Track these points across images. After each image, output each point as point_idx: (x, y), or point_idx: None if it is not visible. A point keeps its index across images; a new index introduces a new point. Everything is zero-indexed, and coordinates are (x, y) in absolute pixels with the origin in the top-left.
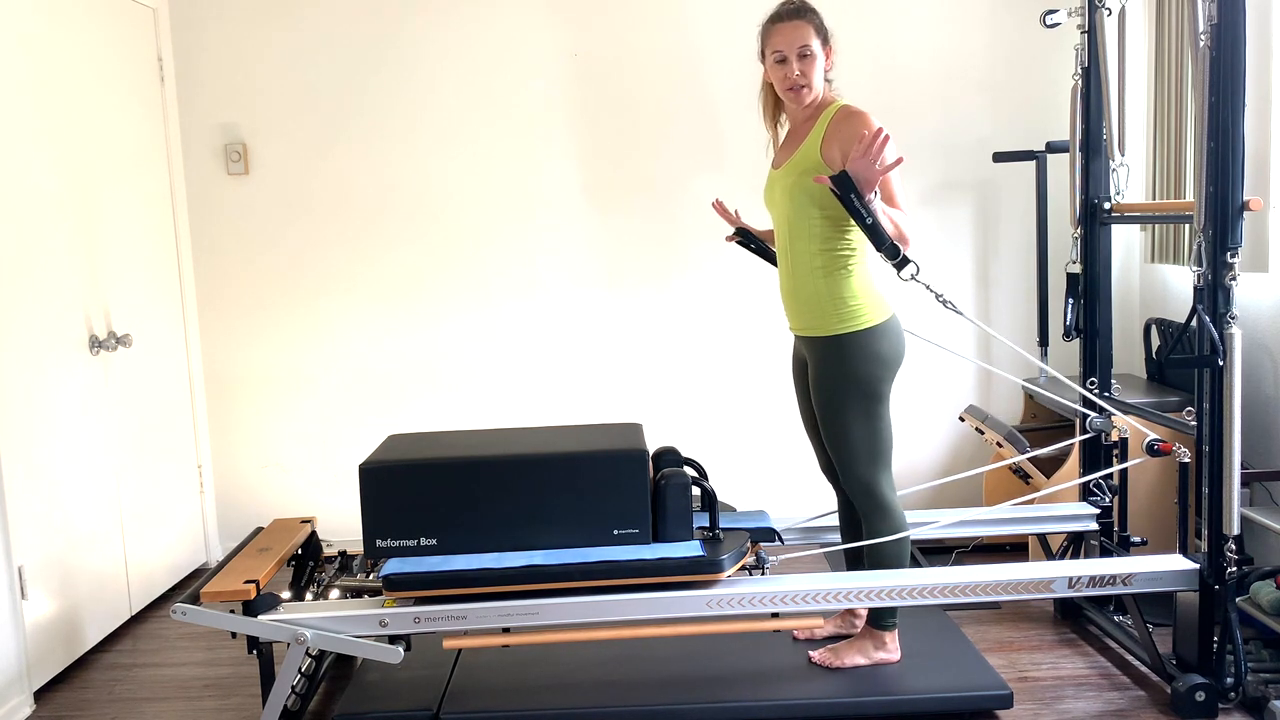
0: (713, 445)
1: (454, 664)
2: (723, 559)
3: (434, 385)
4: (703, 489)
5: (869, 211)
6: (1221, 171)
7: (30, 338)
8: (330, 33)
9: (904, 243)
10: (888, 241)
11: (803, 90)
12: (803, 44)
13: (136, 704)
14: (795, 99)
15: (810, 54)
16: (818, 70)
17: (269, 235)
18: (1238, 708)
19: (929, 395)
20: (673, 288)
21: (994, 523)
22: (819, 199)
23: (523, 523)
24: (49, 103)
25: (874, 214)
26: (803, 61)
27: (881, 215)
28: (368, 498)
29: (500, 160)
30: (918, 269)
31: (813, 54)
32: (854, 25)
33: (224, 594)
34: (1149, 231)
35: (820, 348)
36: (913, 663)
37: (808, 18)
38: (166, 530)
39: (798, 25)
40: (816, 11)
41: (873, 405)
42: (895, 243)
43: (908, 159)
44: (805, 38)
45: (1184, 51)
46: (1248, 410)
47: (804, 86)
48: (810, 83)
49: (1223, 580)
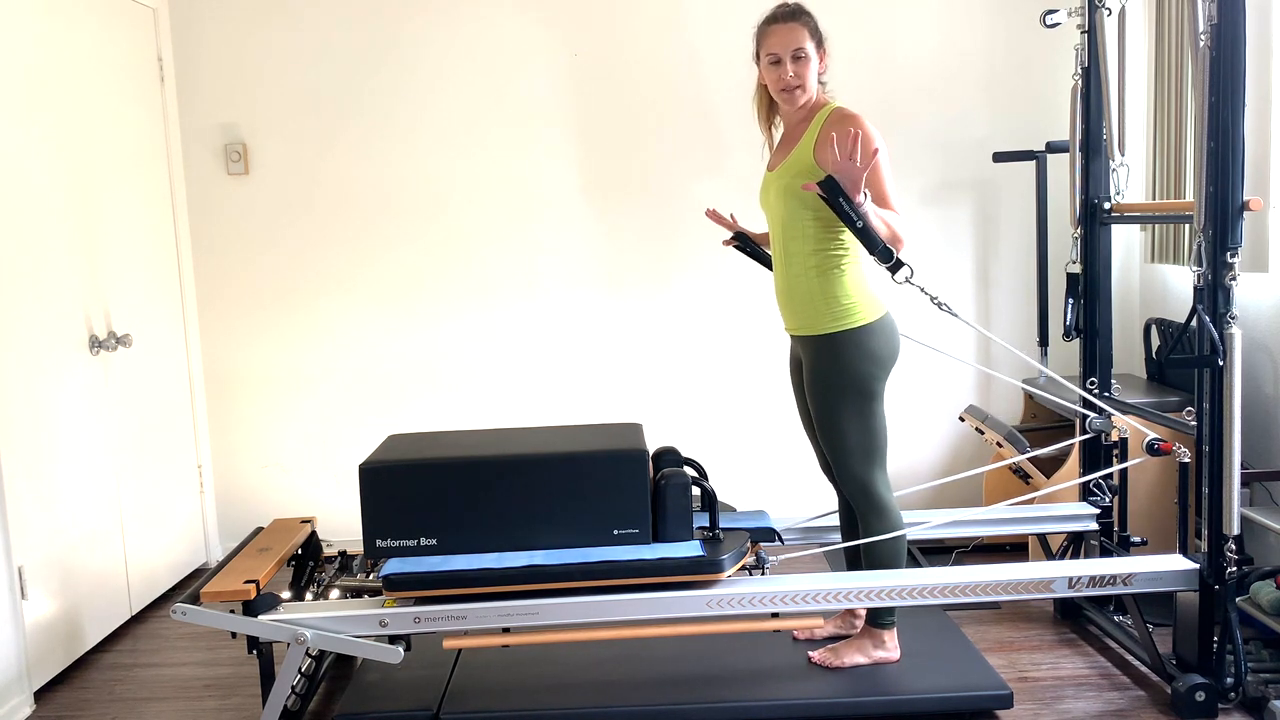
0: (712, 445)
1: (454, 664)
2: (723, 559)
3: (434, 385)
4: (703, 489)
5: (859, 215)
6: (1221, 171)
7: (30, 338)
8: (331, 33)
9: (898, 244)
10: (880, 245)
11: (796, 92)
12: (797, 46)
13: (136, 704)
14: (789, 100)
15: (804, 56)
16: (812, 72)
17: (269, 235)
18: (1238, 708)
19: (929, 395)
20: (673, 287)
21: (994, 523)
22: (811, 201)
23: (523, 523)
24: (49, 103)
25: (864, 217)
26: (797, 64)
27: (873, 217)
28: (368, 498)
29: (501, 160)
30: (912, 272)
31: (807, 56)
32: (854, 25)
33: (224, 594)
34: (1149, 231)
35: (814, 346)
36: (913, 663)
37: (802, 20)
38: (166, 530)
39: (793, 28)
40: (811, 14)
41: (866, 403)
42: (889, 245)
43: (908, 159)
44: (800, 40)
45: (1184, 51)
46: (1248, 410)
47: (798, 88)
48: (804, 84)
49: (1223, 580)
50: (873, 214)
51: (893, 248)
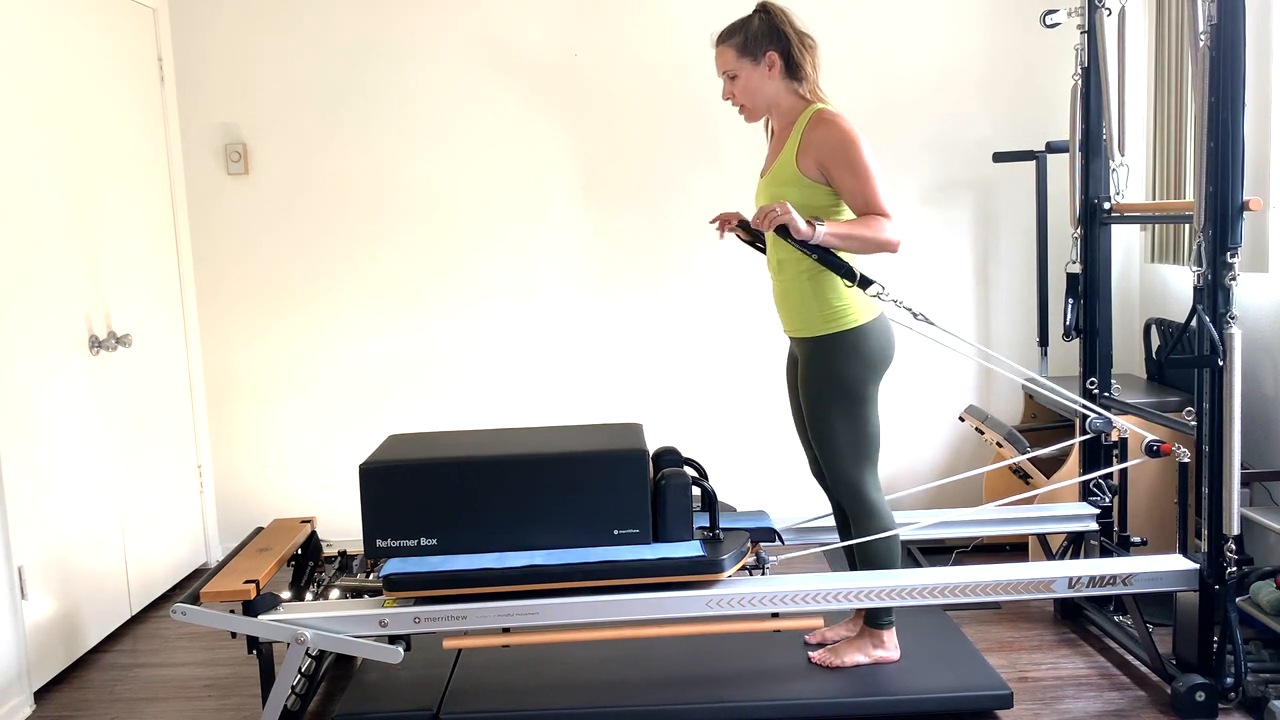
0: (712, 445)
1: (454, 664)
2: (723, 559)
3: (434, 385)
4: (703, 489)
5: (811, 248)
6: (1221, 171)
7: (30, 338)
8: (330, 33)
9: (889, 248)
10: (844, 267)
11: (743, 109)
12: (724, 69)
13: (136, 704)
14: (744, 116)
15: (736, 76)
16: (751, 89)
17: (269, 235)
18: (1238, 708)
19: (929, 395)
20: (671, 286)
21: (994, 523)
22: (799, 208)
23: (523, 523)
24: (49, 103)
25: (817, 248)
26: (733, 83)
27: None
28: (368, 498)
29: (501, 160)
30: (883, 288)
31: (739, 75)
32: (854, 25)
33: (224, 594)
34: (1149, 231)
35: (808, 348)
36: (913, 663)
37: (727, 42)
38: (166, 530)
39: (720, 51)
40: (738, 31)
41: (857, 406)
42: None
43: (908, 159)
44: (726, 63)
45: (1184, 51)
46: (1248, 410)
47: (740, 106)
48: (745, 102)
49: (1223, 580)
50: (839, 233)
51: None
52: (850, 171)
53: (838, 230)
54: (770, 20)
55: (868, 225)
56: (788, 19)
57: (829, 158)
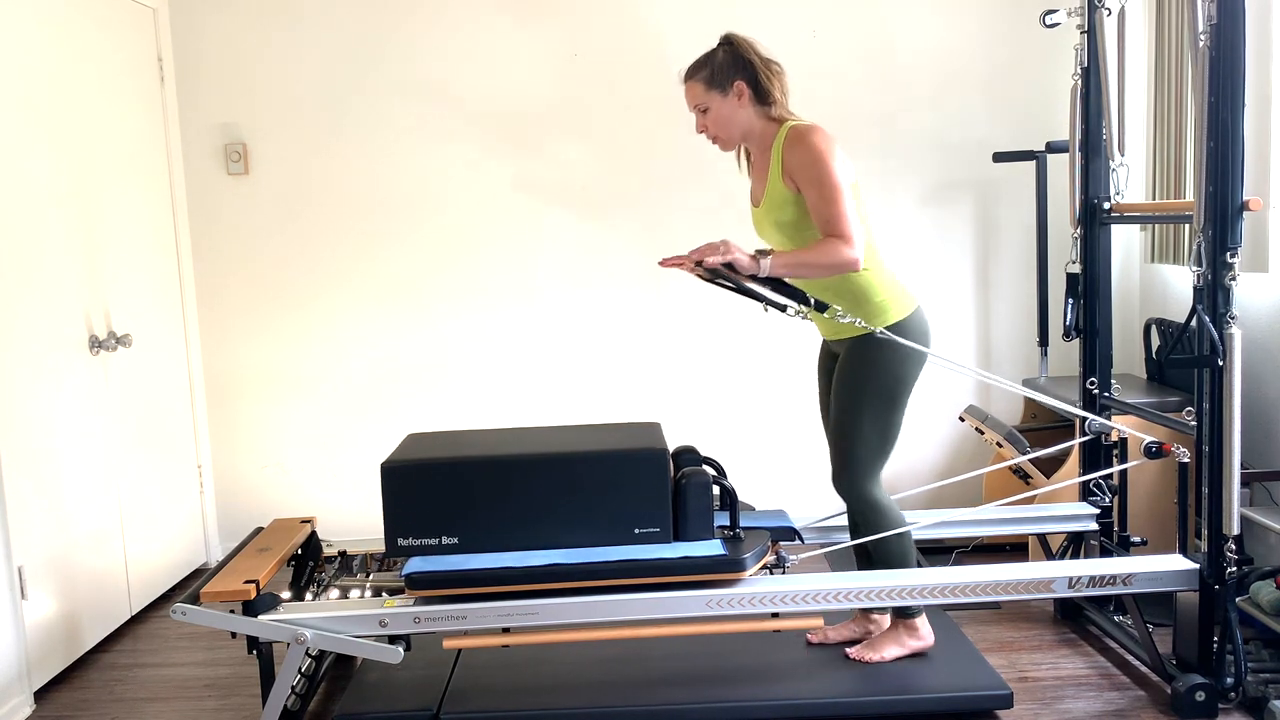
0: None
1: (454, 664)
2: (745, 558)
3: (436, 385)
4: (723, 488)
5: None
6: (1221, 171)
7: (30, 338)
8: (330, 32)
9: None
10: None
11: (717, 141)
12: (695, 104)
13: (136, 704)
14: (719, 147)
15: (707, 108)
16: (723, 120)
17: (269, 235)
18: (1238, 708)
19: (929, 395)
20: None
21: (994, 523)
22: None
23: (544, 521)
24: (49, 103)
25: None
26: (705, 116)
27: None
28: (390, 496)
29: (502, 160)
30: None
31: (710, 108)
32: (854, 25)
33: (224, 594)
34: (1149, 231)
35: (847, 346)
36: (913, 663)
37: (695, 77)
38: (166, 530)
39: (689, 87)
40: (704, 65)
41: (888, 410)
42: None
43: (908, 159)
44: (695, 97)
45: (1184, 51)
46: (1248, 410)
47: (715, 138)
48: (719, 134)
49: (1223, 580)
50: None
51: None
52: (816, 189)
53: (786, 260)
54: (734, 51)
55: (820, 251)
56: (752, 48)
57: (799, 174)
